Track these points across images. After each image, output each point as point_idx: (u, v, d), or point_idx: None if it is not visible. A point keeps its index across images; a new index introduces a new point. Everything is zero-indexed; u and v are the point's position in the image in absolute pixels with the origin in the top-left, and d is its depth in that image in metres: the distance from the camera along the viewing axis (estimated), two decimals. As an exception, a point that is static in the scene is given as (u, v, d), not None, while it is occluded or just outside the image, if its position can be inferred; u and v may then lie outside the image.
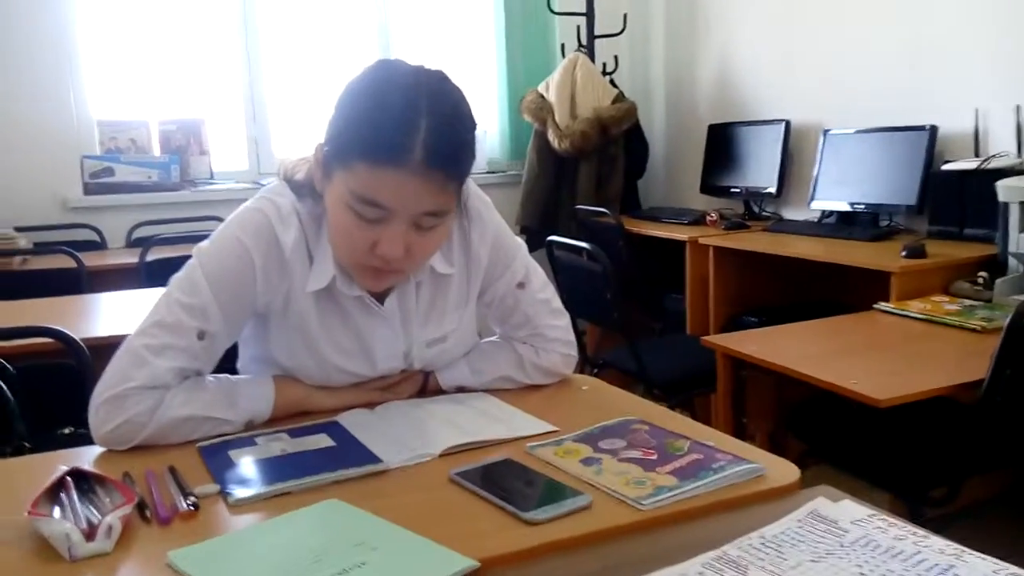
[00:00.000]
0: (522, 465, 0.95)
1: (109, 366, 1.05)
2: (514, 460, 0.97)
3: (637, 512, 0.84)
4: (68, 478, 0.89)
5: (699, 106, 3.98)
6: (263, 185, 1.19)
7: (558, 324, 1.29)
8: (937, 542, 0.75)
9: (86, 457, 1.03)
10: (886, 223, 2.92)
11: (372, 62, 1.04)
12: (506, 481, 0.92)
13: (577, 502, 0.85)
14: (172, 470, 0.96)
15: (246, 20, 3.76)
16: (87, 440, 1.05)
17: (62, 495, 0.87)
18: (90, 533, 0.78)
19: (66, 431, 1.40)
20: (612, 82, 3.91)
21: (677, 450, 0.97)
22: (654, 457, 0.96)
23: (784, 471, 0.93)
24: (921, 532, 0.76)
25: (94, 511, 0.84)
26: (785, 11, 3.44)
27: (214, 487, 0.91)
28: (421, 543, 0.78)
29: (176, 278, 1.10)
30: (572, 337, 1.31)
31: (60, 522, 0.79)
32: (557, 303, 1.31)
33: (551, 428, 1.08)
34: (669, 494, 0.86)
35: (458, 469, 0.94)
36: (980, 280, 2.25)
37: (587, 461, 0.96)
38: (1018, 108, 2.55)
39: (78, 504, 0.84)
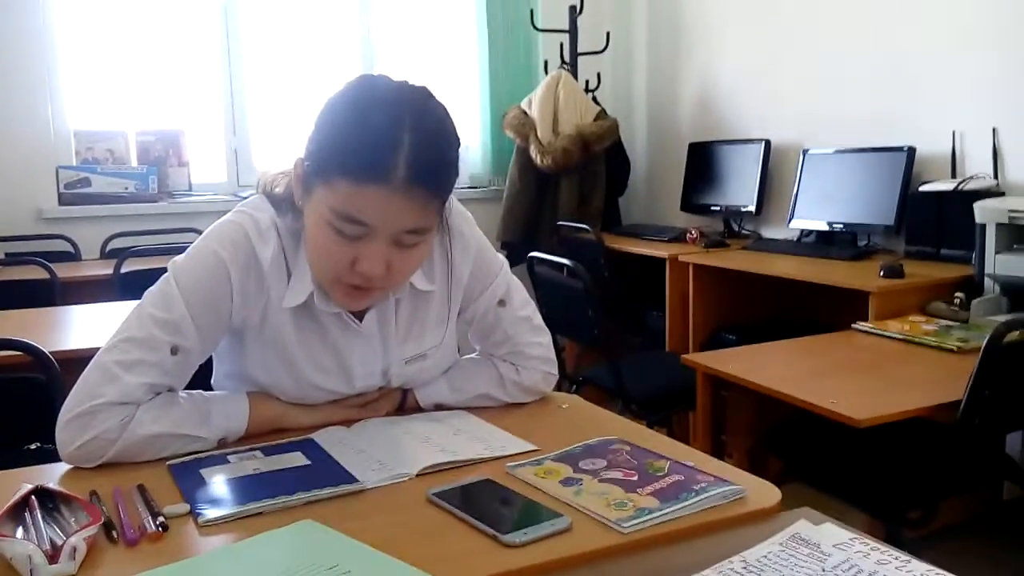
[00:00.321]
0: (501, 485, 0.94)
1: (78, 382, 1.03)
2: (493, 480, 0.95)
3: (618, 535, 0.82)
4: (33, 497, 0.86)
5: (680, 124, 4.00)
6: (242, 198, 1.17)
7: (539, 342, 1.28)
8: (919, 566, 0.74)
9: (52, 474, 1.00)
10: (864, 243, 2.94)
11: (354, 77, 1.03)
12: (485, 502, 0.90)
13: (556, 524, 0.83)
14: (141, 488, 0.94)
15: (227, 31, 3.74)
16: (54, 456, 1.03)
17: (26, 514, 0.84)
18: (53, 555, 0.76)
19: (32, 447, 1.37)
20: (594, 99, 3.92)
21: (658, 471, 0.96)
22: (635, 478, 0.94)
23: (765, 493, 0.92)
24: (903, 556, 0.76)
25: (59, 531, 0.81)
26: (766, 32, 3.48)
27: (184, 507, 0.89)
28: (396, 566, 0.76)
29: (150, 292, 1.08)
30: (553, 355, 1.30)
31: (22, 543, 0.77)
32: (538, 320, 1.30)
33: (531, 447, 1.07)
34: (650, 516, 0.85)
35: (436, 489, 0.92)
36: (957, 301, 2.27)
37: (567, 481, 0.94)
38: (995, 131, 2.58)
39: (42, 524, 0.81)
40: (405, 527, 0.86)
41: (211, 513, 0.87)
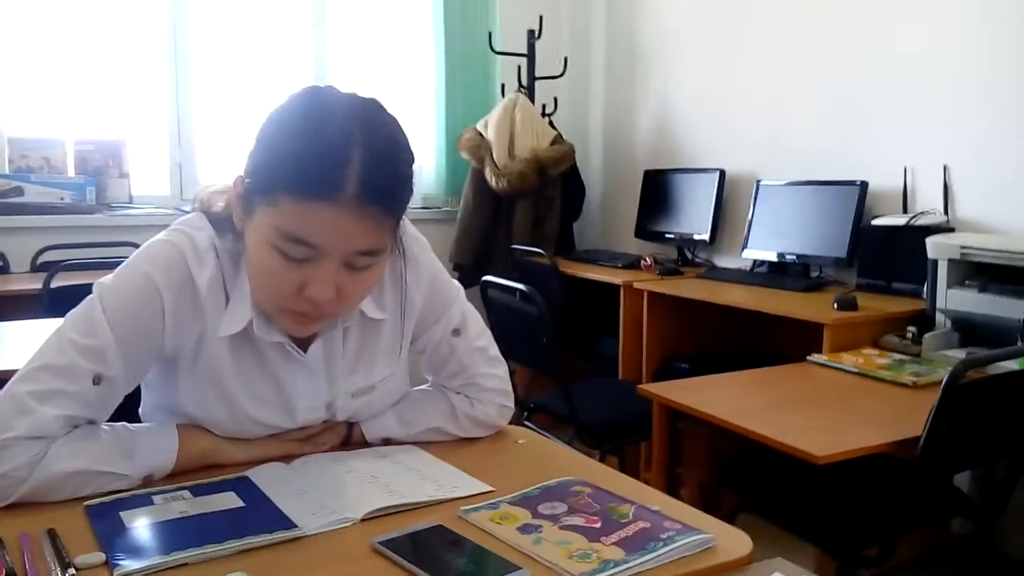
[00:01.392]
0: (454, 532, 0.87)
1: (-14, 413, 0.93)
2: (445, 526, 0.88)
3: (581, 591, 0.76)
4: (-77, 546, 0.76)
5: (636, 151, 4.00)
6: (185, 212, 1.08)
7: (495, 373, 1.22)
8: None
9: (-48, 517, 0.90)
10: (816, 274, 2.95)
11: (300, 89, 0.96)
12: (436, 551, 0.83)
13: (515, 579, 0.77)
14: (52, 534, 0.84)
15: (175, 40, 3.62)
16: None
17: (-87, 567, 0.74)
18: (-60, 618, 0.66)
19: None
20: (551, 123, 3.90)
21: (622, 516, 0.90)
22: (598, 525, 0.88)
23: (736, 541, 0.86)
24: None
25: (-50, 588, 0.71)
26: (722, 62, 3.50)
27: (99, 556, 0.80)
28: (337, 629, 0.69)
29: (72, 315, 0.99)
30: (509, 387, 1.24)
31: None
32: (494, 351, 1.24)
33: (486, 488, 1.00)
34: (615, 570, 0.79)
35: (382, 537, 0.85)
36: (909, 334, 2.28)
37: (525, 528, 0.88)
38: (945, 168, 2.62)
39: (-69, 580, 0.72)
40: (348, 580, 0.79)
41: (129, 565, 0.78)
